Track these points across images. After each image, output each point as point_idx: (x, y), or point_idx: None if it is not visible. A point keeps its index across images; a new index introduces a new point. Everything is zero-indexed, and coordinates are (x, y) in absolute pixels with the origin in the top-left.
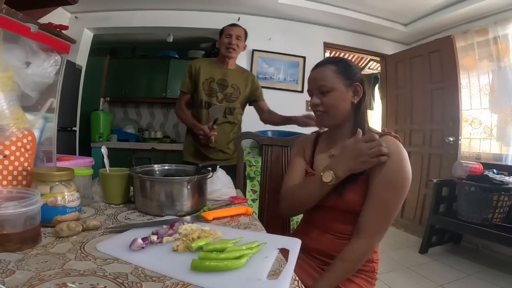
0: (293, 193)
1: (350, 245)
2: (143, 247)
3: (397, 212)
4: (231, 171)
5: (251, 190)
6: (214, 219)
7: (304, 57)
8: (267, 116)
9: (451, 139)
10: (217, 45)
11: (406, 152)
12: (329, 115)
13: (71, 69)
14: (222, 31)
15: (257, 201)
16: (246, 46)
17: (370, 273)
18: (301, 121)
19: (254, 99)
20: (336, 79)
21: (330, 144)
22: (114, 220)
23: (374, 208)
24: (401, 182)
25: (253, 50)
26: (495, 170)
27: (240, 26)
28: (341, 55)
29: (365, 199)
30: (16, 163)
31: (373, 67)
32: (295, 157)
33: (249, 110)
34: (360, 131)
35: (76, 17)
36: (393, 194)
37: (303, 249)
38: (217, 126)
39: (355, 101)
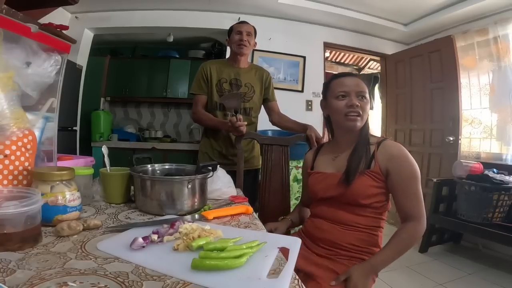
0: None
1: (405, 226)
2: (143, 246)
3: (422, 192)
4: (250, 175)
5: None
6: (214, 218)
7: (304, 57)
8: (277, 118)
9: (451, 138)
10: (227, 44)
11: (405, 148)
12: (362, 119)
13: (71, 69)
14: (231, 30)
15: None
16: (256, 43)
17: None
18: (309, 135)
19: (265, 98)
20: (366, 90)
21: (333, 148)
22: (114, 219)
23: (408, 198)
24: (416, 173)
25: (253, 50)
26: (495, 170)
27: (249, 23)
28: (341, 55)
29: (395, 194)
30: (17, 163)
31: (373, 66)
32: (303, 176)
33: None
34: None
35: (76, 17)
36: (417, 183)
37: (312, 240)
38: (242, 116)
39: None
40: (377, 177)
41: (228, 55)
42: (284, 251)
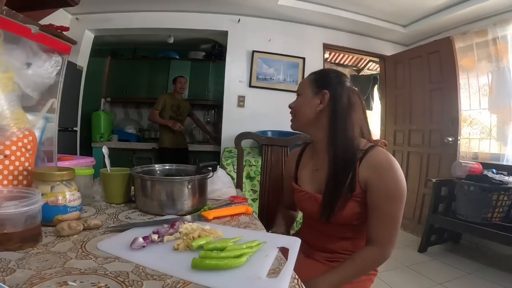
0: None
1: (363, 250)
2: (144, 246)
3: (401, 218)
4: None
5: (251, 190)
6: (214, 218)
7: (303, 58)
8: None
9: (450, 139)
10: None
11: (396, 160)
12: (295, 118)
13: (72, 70)
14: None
15: (257, 201)
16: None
17: None
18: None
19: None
20: (305, 86)
21: (313, 156)
22: (115, 219)
23: (379, 220)
24: (398, 193)
25: (253, 51)
26: (494, 170)
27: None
28: (340, 56)
29: (368, 211)
30: (17, 163)
31: (372, 68)
32: (285, 177)
33: (250, 112)
34: None
35: (77, 18)
36: (394, 205)
37: (308, 244)
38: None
39: (319, 109)
40: (360, 196)
41: (227, 57)
42: (284, 251)
